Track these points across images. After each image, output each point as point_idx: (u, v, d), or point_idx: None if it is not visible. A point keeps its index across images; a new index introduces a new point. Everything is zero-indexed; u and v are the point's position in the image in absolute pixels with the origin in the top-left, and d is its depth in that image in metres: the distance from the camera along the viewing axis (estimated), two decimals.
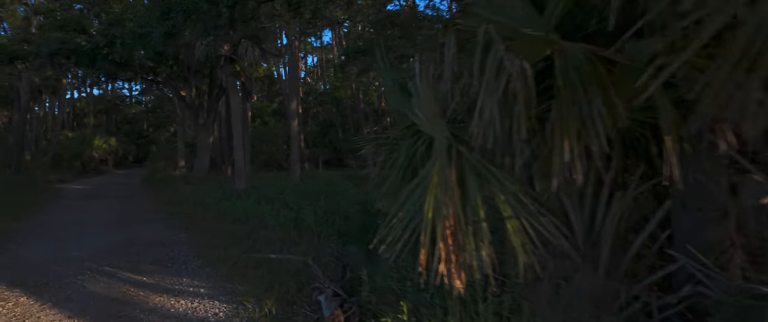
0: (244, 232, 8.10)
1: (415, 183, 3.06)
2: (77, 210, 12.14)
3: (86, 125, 38.08)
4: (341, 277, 4.65)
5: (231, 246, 6.92)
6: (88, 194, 17.22)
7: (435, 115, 3.05)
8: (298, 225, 6.96)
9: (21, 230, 8.89)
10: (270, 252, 6.46)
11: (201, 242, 7.53)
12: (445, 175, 2.86)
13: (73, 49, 14.16)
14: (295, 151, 17.17)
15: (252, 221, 8.91)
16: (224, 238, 7.73)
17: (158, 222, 9.89)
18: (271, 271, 5.45)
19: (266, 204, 10.34)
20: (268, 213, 8.74)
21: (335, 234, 6.09)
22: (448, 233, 2.80)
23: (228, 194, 13.15)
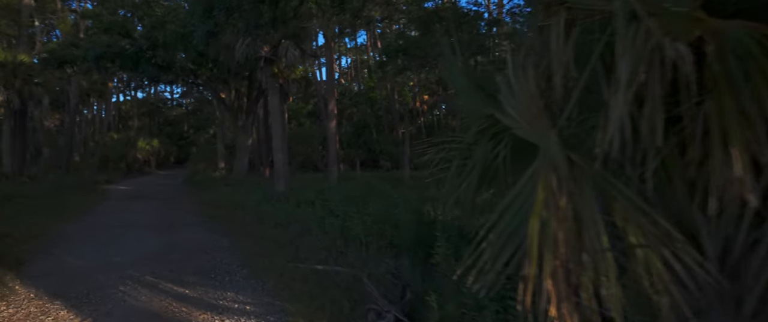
0: (286, 238, 7.73)
1: (510, 199, 2.48)
2: (122, 212, 12.15)
3: (130, 127, 39.23)
4: (400, 297, 4.13)
5: (275, 254, 6.53)
6: (132, 194, 17.46)
7: (537, 115, 2.45)
8: (344, 233, 6.48)
9: (68, 232, 8.83)
10: (316, 262, 6.02)
11: (244, 249, 7.19)
12: (553, 190, 2.27)
13: (117, 53, 14.34)
14: (333, 153, 16.82)
15: (293, 225, 8.55)
16: (267, 244, 7.37)
17: (200, 225, 9.68)
18: (319, 285, 4.99)
19: (306, 207, 10.00)
20: (311, 218, 8.35)
21: (386, 245, 5.55)
22: (557, 265, 2.22)
23: (267, 196, 12.90)
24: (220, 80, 17.26)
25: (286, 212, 9.60)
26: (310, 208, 9.88)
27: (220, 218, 10.61)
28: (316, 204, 11.07)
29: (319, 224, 7.12)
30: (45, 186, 16.62)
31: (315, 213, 8.31)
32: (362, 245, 5.94)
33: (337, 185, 16.53)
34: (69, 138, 22.37)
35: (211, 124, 46.57)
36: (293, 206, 10.50)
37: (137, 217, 11.12)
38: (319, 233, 7.24)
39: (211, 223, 9.95)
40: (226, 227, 9.29)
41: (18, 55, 17.10)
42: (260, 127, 23.71)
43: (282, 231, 8.54)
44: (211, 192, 15.88)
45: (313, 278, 5.36)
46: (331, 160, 16.81)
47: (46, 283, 5.37)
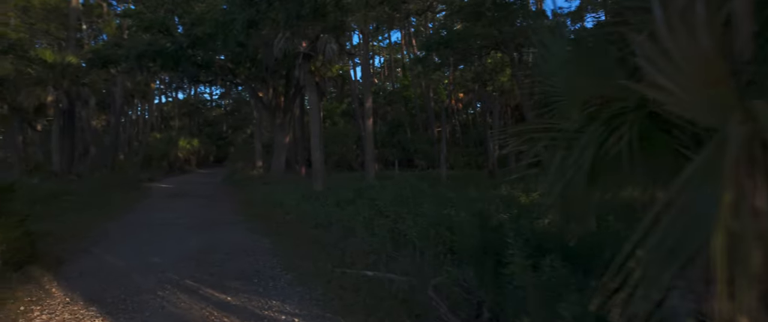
0: (329, 239, 7.23)
1: (671, 199, 1.79)
2: (163, 210, 12.01)
3: (172, 127, 40.11)
4: (476, 315, 3.47)
5: (320, 257, 6.02)
6: (173, 192, 17.51)
7: (715, 83, 1.73)
8: (395, 236, 5.87)
9: (109, 230, 8.65)
10: (364, 267, 5.46)
11: (286, 251, 6.72)
12: (744, 191, 1.58)
13: (158, 51, 14.35)
14: (369, 152, 16.30)
15: (335, 226, 8.04)
16: (310, 246, 6.89)
17: (239, 224, 9.33)
18: (373, 295, 4.42)
19: (347, 207, 9.49)
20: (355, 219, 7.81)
21: (445, 251, 4.90)
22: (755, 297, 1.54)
23: (306, 195, 12.50)
24: (258, 79, 17.07)
25: (327, 211, 9.12)
26: (351, 208, 9.38)
27: (260, 216, 10.26)
28: (356, 203, 10.59)
29: (365, 225, 6.53)
30: (91, 184, 16.87)
31: (359, 213, 7.74)
32: (416, 250, 5.31)
33: (374, 184, 16.03)
34: (114, 137, 22.85)
35: (248, 124, 47.18)
36: (333, 205, 10.02)
37: (178, 215, 10.92)
38: (366, 235, 6.67)
39: (251, 222, 9.59)
40: (267, 227, 8.89)
41: (66, 56, 17.46)
42: (295, 126, 23.53)
43: (324, 232, 8.05)
44: (250, 191, 15.67)
45: (365, 285, 4.80)
46: (368, 159, 16.29)
47: (84, 285, 5.03)
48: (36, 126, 22.76)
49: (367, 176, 16.28)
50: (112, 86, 24.59)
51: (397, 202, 6.37)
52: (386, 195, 7.07)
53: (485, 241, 4.54)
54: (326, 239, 7.27)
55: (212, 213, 11.29)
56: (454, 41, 12.09)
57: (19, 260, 5.44)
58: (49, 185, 14.93)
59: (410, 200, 6.74)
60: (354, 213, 8.29)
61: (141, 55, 14.19)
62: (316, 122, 13.44)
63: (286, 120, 18.96)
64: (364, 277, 5.18)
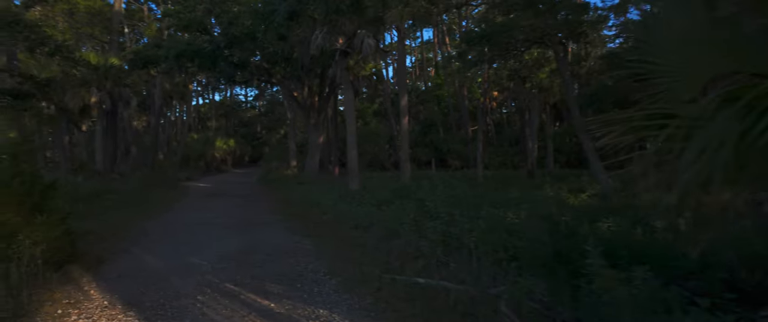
0: (371, 241, 6.82)
1: None
2: (202, 209, 11.94)
3: (209, 128, 40.86)
4: None
5: (365, 261, 5.61)
6: (211, 192, 17.59)
7: None
8: (446, 240, 5.38)
9: (149, 229, 8.53)
10: (415, 273, 5.00)
11: (328, 253, 6.35)
12: None
13: (196, 51, 14.40)
14: (405, 151, 15.83)
15: (376, 226, 7.63)
16: (352, 248, 6.50)
17: (278, 224, 9.05)
18: (430, 308, 3.96)
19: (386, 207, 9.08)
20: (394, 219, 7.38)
21: (507, 258, 4.38)
22: None
23: (342, 195, 12.18)
24: (294, 77, 16.91)
25: (366, 212, 8.72)
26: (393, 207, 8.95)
27: (297, 216, 9.97)
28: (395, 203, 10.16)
29: (413, 227, 6.06)
30: (132, 183, 17.14)
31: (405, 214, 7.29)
32: (472, 256, 4.81)
33: (410, 183, 15.56)
34: (154, 138, 23.33)
35: (281, 125, 47.65)
36: (372, 205, 9.62)
37: (216, 214, 10.79)
38: (411, 237, 6.21)
39: (289, 222, 9.31)
40: (305, 227, 8.56)
41: (109, 58, 17.84)
42: (329, 126, 23.34)
43: (364, 233, 7.66)
44: (285, 190, 15.51)
45: (418, 294, 4.34)
46: (404, 158, 15.82)
47: (122, 287, 4.80)
48: (81, 127, 23.50)
49: (402, 176, 15.82)
50: (152, 88, 25.13)
51: (449, 203, 5.84)
52: (435, 196, 6.54)
53: (557, 248, 3.99)
54: (368, 241, 6.88)
55: (250, 213, 11.11)
56: (497, 34, 11.46)
57: (60, 260, 5.27)
58: (92, 183, 15.21)
59: (464, 201, 6.21)
60: (396, 214, 7.87)
61: (180, 54, 14.27)
62: (352, 121, 13.10)
63: (321, 120, 18.76)
64: (416, 284, 4.72)
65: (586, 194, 12.16)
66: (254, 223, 9.32)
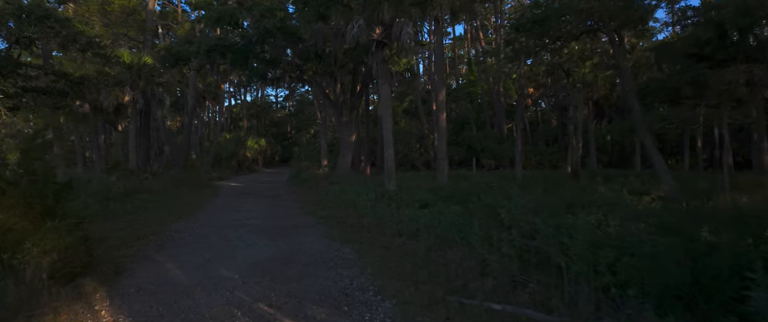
0: (420, 250, 5.88)
1: None
2: (232, 209, 11.29)
3: (240, 128, 40.84)
4: None
5: (421, 278, 4.67)
6: (242, 191, 17.05)
7: None
8: (524, 254, 4.36)
9: (177, 233, 7.85)
10: (485, 296, 4.01)
11: (373, 264, 5.44)
12: None
13: (228, 46, 13.83)
14: (442, 149, 14.79)
15: (423, 232, 6.68)
16: (401, 259, 5.56)
17: (314, 228, 8.21)
18: None
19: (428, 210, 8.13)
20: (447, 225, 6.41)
21: (617, 284, 3.33)
22: None
23: (378, 195, 11.27)
24: (327, 73, 16.14)
25: (409, 216, 7.77)
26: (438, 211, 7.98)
27: (333, 219, 9.12)
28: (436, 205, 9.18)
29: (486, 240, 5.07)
30: (164, 182, 16.79)
31: (457, 218, 6.33)
32: (563, 277, 3.78)
33: (448, 183, 14.53)
34: (187, 137, 23.11)
35: (311, 125, 47.35)
36: (414, 208, 8.68)
37: (247, 215, 10.08)
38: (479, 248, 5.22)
39: (325, 225, 8.45)
40: (343, 232, 7.69)
41: (143, 57, 17.59)
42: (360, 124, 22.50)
43: (409, 240, 6.73)
44: (317, 190, 14.74)
45: None
46: (441, 157, 14.78)
47: (139, 306, 4.02)
48: (117, 126, 23.54)
49: (438, 176, 14.79)
50: (185, 88, 24.96)
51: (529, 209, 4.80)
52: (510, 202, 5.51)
53: (699, 272, 2.93)
54: (417, 250, 5.94)
55: (282, 214, 10.35)
56: (550, 20, 10.29)
57: (72, 271, 4.56)
58: (124, 182, 14.88)
59: (545, 208, 5.17)
60: (447, 219, 6.90)
61: (211, 50, 13.72)
62: (388, 117, 12.18)
63: (353, 118, 17.93)
64: (491, 311, 3.75)
65: (650, 196, 10.82)
66: (288, 226, 8.52)
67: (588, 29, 12.09)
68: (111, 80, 17.33)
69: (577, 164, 20.76)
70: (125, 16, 20.81)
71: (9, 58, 11.48)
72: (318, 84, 17.14)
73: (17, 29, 10.89)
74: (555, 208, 5.56)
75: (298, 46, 15.84)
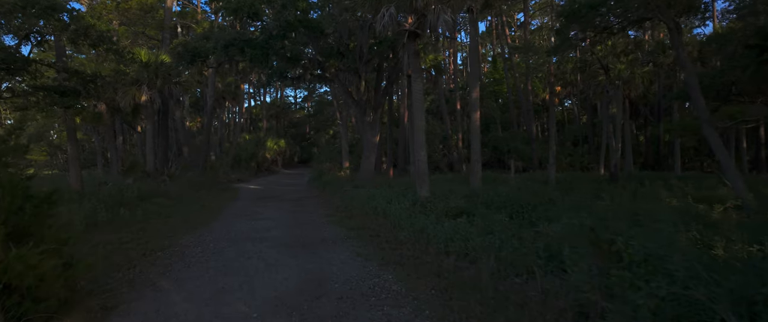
0: (482, 279, 4.66)
1: None
2: (251, 217, 10.23)
3: (260, 129, 40.15)
4: None
5: None
6: (261, 194, 16.07)
7: None
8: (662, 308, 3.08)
9: (189, 247, 6.78)
10: None
11: (430, 301, 4.24)
12: None
13: (247, 41, 12.82)
14: (477, 151, 13.50)
15: (477, 251, 5.47)
16: (462, 292, 4.35)
17: (344, 243, 7.05)
18: None
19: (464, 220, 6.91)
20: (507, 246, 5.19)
21: None
22: None
23: (411, 202, 10.07)
24: (351, 70, 15.00)
25: (455, 230, 6.53)
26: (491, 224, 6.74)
27: (365, 231, 7.94)
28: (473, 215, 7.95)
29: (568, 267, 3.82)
30: (181, 184, 15.90)
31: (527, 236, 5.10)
32: None
33: (480, 186, 13.23)
34: (206, 138, 22.30)
35: (330, 126, 46.39)
36: (459, 220, 7.45)
37: (267, 225, 9.00)
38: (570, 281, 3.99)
39: (357, 239, 7.28)
40: (379, 249, 6.51)
41: (160, 55, 16.75)
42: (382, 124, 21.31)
43: (461, 260, 5.51)
44: (342, 195, 13.58)
45: None
46: (475, 158, 13.49)
47: None
48: (136, 127, 22.88)
49: (471, 180, 13.50)
50: (204, 88, 24.17)
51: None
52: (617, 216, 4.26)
53: None
54: (478, 279, 4.73)
55: (306, 222, 9.22)
56: (606, 5, 8.95)
57: (47, 311, 3.48)
58: (140, 185, 14.02)
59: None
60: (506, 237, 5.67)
61: (229, 45, 12.72)
62: (421, 115, 10.95)
63: (376, 117, 16.76)
64: None
65: (723, 205, 9.33)
66: (313, 240, 7.38)
67: (643, 17, 10.66)
68: (128, 80, 16.53)
69: (616, 166, 19.19)
70: (143, 14, 20.10)
71: (17, 55, 10.64)
72: (341, 82, 16.01)
73: (24, 22, 10.04)
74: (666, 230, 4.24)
75: (320, 43, 14.74)
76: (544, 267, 4.55)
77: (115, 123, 19.00)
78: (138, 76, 16.40)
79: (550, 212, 8.70)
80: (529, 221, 8.07)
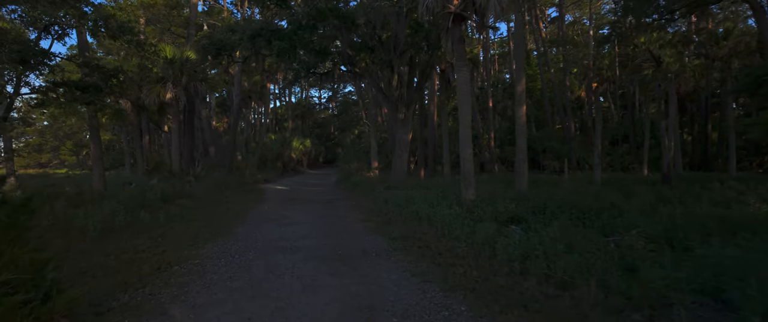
0: (574, 307, 3.44)
1: None
2: (280, 221, 9.20)
3: (285, 129, 39.56)
4: None
5: None
6: (289, 196, 15.12)
7: None
8: None
9: (210, 260, 5.76)
10: None
11: None
12: None
13: (274, 31, 11.86)
14: (523, 149, 12.17)
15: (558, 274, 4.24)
16: None
17: (390, 257, 5.89)
18: None
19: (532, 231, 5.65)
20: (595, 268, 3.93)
21: None
22: None
23: (455, 205, 8.85)
24: (385, 62, 13.86)
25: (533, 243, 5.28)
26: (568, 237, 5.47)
27: (411, 241, 6.75)
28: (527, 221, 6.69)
29: None
30: (207, 185, 15.09)
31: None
32: None
33: (529, 191, 11.89)
34: (232, 137, 21.58)
35: (354, 126, 45.46)
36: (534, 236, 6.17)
37: (298, 231, 7.94)
38: None
39: (404, 252, 6.10)
40: (435, 265, 5.33)
41: (185, 51, 16.01)
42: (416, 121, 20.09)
43: (545, 284, 4.28)
44: (375, 197, 12.45)
45: None
46: (521, 158, 12.14)
47: None
48: (163, 126, 22.35)
49: (517, 182, 12.14)
50: (231, 87, 23.50)
51: None
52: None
53: None
54: (571, 307, 3.50)
55: (341, 229, 8.12)
56: None
57: None
58: (164, 186, 13.25)
59: None
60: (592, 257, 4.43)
61: (255, 35, 11.80)
62: (467, 108, 9.70)
63: (409, 114, 15.57)
64: None
65: None
66: (353, 251, 6.25)
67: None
68: (153, 77, 15.85)
69: (670, 167, 17.46)
70: (168, 11, 19.50)
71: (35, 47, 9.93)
72: (372, 77, 14.90)
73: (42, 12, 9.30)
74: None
75: (350, 35, 13.67)
76: (683, 301, 3.29)
77: (141, 122, 18.43)
78: (163, 74, 15.69)
79: (621, 219, 7.36)
80: (602, 231, 6.78)
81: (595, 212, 8.11)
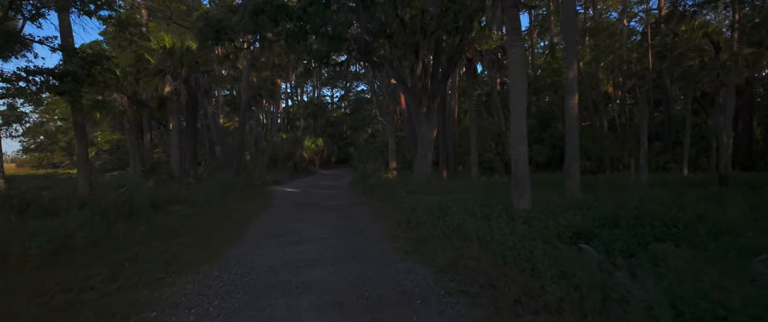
0: None
1: None
2: (287, 237, 7.27)
3: (297, 128, 37.84)
4: None
5: None
6: (300, 201, 13.21)
7: None
8: None
9: (165, 316, 3.81)
10: None
11: None
12: None
13: (280, 6, 9.93)
14: (574, 148, 10.05)
15: None
16: None
17: (441, 306, 3.87)
18: None
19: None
20: None
21: None
22: None
23: (504, 215, 6.78)
24: (410, 45, 11.82)
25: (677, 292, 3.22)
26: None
27: (465, 274, 4.71)
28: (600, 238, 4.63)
29: None
30: (208, 188, 13.22)
31: None
32: None
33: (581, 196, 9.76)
34: (240, 136, 19.77)
35: (367, 124, 43.55)
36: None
37: (309, 253, 5.99)
38: None
39: (464, 298, 4.06)
40: (505, 310, 3.29)
41: (185, 40, 14.20)
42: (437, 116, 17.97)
43: None
44: (397, 203, 10.37)
45: None
46: (572, 157, 10.01)
47: None
48: (167, 124, 20.61)
49: (569, 186, 9.96)
50: (239, 83, 21.71)
51: None
52: None
53: None
54: None
55: (364, 252, 6.10)
56: None
57: None
58: (159, 189, 11.44)
59: None
60: None
61: (258, 11, 9.87)
62: (520, 93, 7.64)
63: (433, 108, 13.52)
64: None
65: None
66: (386, 293, 4.24)
67: None
68: (150, 69, 14.06)
69: (727, 168, 15.17)
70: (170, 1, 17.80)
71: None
72: (392, 64, 12.88)
73: None
74: None
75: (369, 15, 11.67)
76: None
77: (141, 119, 16.70)
78: (161, 65, 13.88)
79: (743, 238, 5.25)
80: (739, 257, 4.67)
81: (683, 222, 5.94)
